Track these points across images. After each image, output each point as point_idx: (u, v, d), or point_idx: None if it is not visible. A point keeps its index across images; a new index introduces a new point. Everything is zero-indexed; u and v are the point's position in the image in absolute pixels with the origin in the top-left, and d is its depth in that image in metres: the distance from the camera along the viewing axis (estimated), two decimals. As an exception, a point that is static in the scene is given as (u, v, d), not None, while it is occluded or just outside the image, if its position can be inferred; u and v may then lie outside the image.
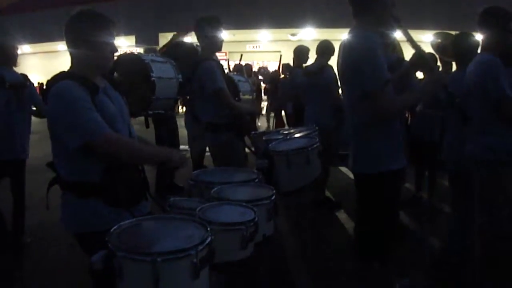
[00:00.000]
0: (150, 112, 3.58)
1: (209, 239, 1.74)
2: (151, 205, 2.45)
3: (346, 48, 2.67)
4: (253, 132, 3.99)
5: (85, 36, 2.15)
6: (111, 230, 1.79)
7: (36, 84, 26.23)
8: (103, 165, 2.12)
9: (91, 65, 2.21)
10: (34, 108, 4.76)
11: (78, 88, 2.08)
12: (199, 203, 2.28)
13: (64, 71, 2.21)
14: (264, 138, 3.52)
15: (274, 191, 2.51)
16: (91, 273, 1.73)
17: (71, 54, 2.22)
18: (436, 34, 5.02)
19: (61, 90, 2.08)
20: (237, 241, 2.03)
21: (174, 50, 4.31)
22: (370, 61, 2.51)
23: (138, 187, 2.34)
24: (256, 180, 2.80)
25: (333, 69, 5.84)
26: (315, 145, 3.11)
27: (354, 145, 2.80)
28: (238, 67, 8.18)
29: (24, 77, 4.66)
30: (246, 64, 9.63)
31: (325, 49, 5.74)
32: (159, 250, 1.64)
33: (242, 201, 2.32)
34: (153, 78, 3.37)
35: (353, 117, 2.78)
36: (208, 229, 1.81)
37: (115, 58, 2.77)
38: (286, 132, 3.78)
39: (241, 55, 6.70)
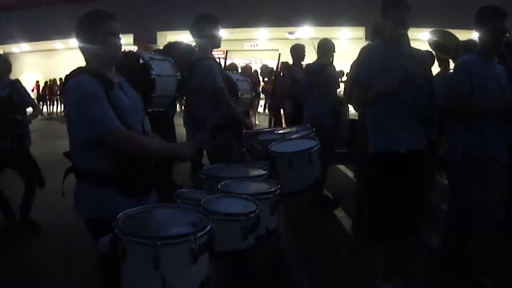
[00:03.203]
0: (150, 110, 3.59)
1: (208, 227, 1.82)
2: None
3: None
4: (245, 131, 3.99)
5: (90, 32, 2.25)
6: (118, 216, 1.87)
7: (34, 84, 26.09)
8: (115, 156, 2.20)
9: (101, 59, 2.29)
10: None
11: (93, 82, 2.16)
12: (205, 195, 2.35)
13: (81, 67, 2.30)
14: (260, 138, 3.52)
15: (278, 186, 2.55)
16: (98, 257, 1.83)
17: (83, 53, 2.32)
18: (433, 32, 5.03)
19: (76, 84, 2.17)
20: (238, 232, 2.10)
21: (171, 49, 4.30)
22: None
23: (148, 178, 2.40)
24: (265, 176, 2.84)
25: (334, 68, 5.85)
26: (316, 147, 3.15)
27: None
28: (232, 66, 8.12)
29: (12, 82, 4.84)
30: (232, 63, 9.52)
31: (326, 47, 5.74)
32: (160, 235, 1.72)
33: (246, 195, 2.37)
34: (153, 76, 3.37)
35: None
36: (209, 218, 1.89)
37: None
38: (281, 131, 3.79)
39: (226, 52, 6.16)
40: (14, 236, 4.72)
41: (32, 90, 23.69)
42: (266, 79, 14.39)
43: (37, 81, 25.38)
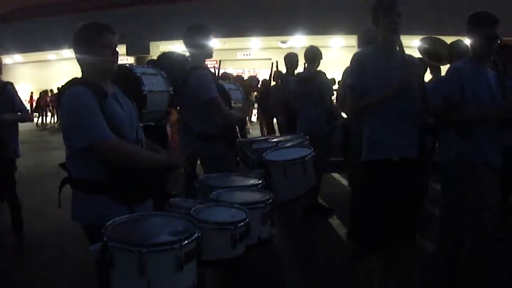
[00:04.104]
0: (141, 125, 3.58)
1: (195, 235, 1.86)
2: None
3: None
4: (238, 140, 3.99)
5: (86, 43, 2.31)
6: (107, 223, 1.92)
7: (28, 94, 25.89)
8: (109, 165, 2.24)
9: (96, 70, 2.35)
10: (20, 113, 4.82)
11: (86, 94, 2.22)
12: (197, 204, 2.36)
13: (76, 78, 2.36)
14: (254, 147, 3.52)
15: (271, 195, 2.56)
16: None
17: (79, 64, 2.37)
18: (424, 39, 5.05)
19: (71, 95, 2.24)
20: (227, 240, 2.12)
21: (164, 60, 4.30)
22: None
23: (144, 186, 2.42)
24: (260, 186, 2.84)
25: (325, 75, 5.87)
26: (311, 155, 3.15)
27: None
28: (224, 75, 8.13)
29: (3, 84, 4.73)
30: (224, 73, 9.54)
31: (314, 55, 5.77)
32: (145, 242, 1.77)
33: (236, 204, 2.38)
34: (145, 92, 3.36)
35: None
36: (196, 226, 1.93)
37: None
38: (275, 140, 3.79)
39: (219, 61, 6.09)
40: (8, 247, 4.68)
41: (28, 102, 23.65)
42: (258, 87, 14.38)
43: (32, 93, 25.35)
